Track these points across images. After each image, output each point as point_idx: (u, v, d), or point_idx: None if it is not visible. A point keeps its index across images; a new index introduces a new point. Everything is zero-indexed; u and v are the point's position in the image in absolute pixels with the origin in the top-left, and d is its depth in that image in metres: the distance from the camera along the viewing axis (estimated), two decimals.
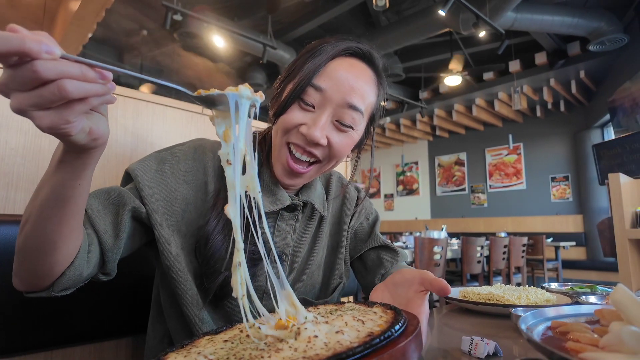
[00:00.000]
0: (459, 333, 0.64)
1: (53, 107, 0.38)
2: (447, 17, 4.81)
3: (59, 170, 0.48)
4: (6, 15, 5.60)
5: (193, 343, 0.46)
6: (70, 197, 0.50)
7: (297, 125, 0.71)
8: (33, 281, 0.58)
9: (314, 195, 0.84)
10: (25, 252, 0.55)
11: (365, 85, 0.74)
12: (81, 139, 0.42)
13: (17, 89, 0.37)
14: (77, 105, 0.39)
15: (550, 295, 0.88)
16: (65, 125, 0.39)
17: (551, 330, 0.50)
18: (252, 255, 0.72)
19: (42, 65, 0.35)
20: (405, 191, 10.19)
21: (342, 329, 0.40)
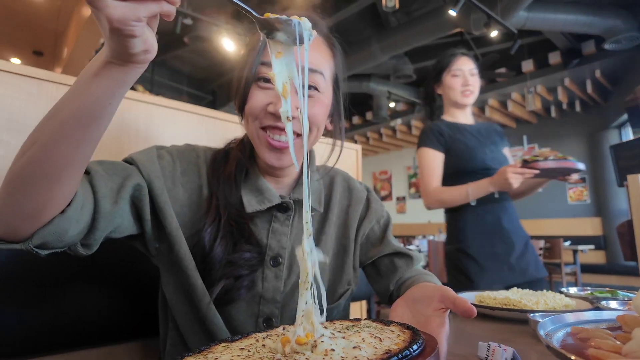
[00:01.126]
0: (475, 339, 0.63)
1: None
2: (457, 17, 4.77)
3: (93, 85, 0.46)
4: (21, 18, 5.74)
5: (209, 349, 0.46)
6: (98, 116, 0.48)
7: (264, 106, 0.71)
8: (14, 222, 0.51)
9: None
10: (21, 181, 0.49)
11: (316, 49, 0.74)
12: (138, 46, 0.41)
13: None
14: (151, 3, 0.39)
15: (569, 301, 0.86)
16: (134, 22, 0.38)
17: (571, 336, 0.48)
18: (249, 262, 0.72)
19: None
20: (418, 194, 10.11)
21: (359, 345, 0.40)
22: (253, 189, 0.77)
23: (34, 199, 0.50)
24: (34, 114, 0.89)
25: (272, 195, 0.77)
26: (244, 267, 0.71)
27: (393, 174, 10.70)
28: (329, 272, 0.84)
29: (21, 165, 0.49)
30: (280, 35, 0.50)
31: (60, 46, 6.40)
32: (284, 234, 0.77)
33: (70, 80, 0.95)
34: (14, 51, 6.87)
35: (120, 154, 1.01)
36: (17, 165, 0.49)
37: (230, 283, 0.70)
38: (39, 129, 0.50)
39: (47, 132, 0.48)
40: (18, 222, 0.51)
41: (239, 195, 0.76)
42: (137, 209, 0.68)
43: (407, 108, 8.32)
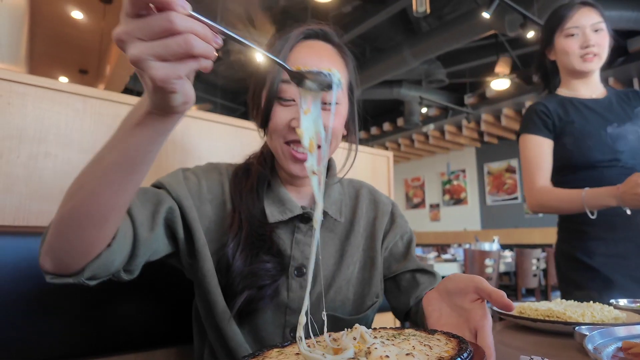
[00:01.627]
0: (516, 352, 0.60)
1: (170, 60, 0.39)
2: (491, 19, 4.66)
3: (135, 134, 0.48)
4: (68, 40, 6.12)
5: (264, 354, 0.47)
6: (140, 162, 0.51)
7: (287, 123, 0.74)
8: (66, 260, 0.56)
9: (327, 203, 0.83)
10: (71, 223, 0.53)
11: (329, 60, 0.76)
12: (178, 99, 0.43)
13: (141, 37, 0.39)
14: (191, 62, 0.41)
15: (619, 313, 0.81)
16: (175, 80, 0.40)
17: (623, 351, 0.45)
18: (269, 272, 0.73)
19: (177, 17, 0.38)
20: (452, 201, 9.86)
21: (411, 352, 0.41)
22: (275, 200, 0.79)
23: (84, 239, 0.54)
24: (80, 128, 0.95)
25: (294, 206, 0.79)
26: (265, 277, 0.72)
27: (426, 181, 10.50)
28: (356, 284, 0.83)
29: (70, 209, 0.52)
30: (310, 83, 0.53)
31: (103, 64, 6.78)
32: (307, 244, 0.79)
33: (113, 96, 1.00)
34: (62, 70, 7.33)
35: (159, 166, 1.05)
36: (66, 208, 0.53)
37: (254, 293, 0.71)
38: (84, 174, 0.53)
39: (92, 179, 0.51)
40: (69, 259, 0.55)
41: (262, 207, 0.78)
42: (171, 230, 0.72)
43: (440, 113, 8.17)
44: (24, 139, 0.88)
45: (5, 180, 0.85)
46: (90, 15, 5.44)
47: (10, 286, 0.75)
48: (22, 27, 4.56)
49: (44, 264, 0.56)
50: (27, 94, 0.89)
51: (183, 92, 0.43)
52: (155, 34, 0.38)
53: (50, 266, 0.56)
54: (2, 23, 3.01)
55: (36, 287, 0.77)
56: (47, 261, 0.56)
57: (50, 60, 6.86)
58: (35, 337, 0.77)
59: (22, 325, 0.76)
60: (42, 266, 0.57)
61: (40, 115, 0.90)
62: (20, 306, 0.76)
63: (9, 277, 0.75)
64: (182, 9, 0.39)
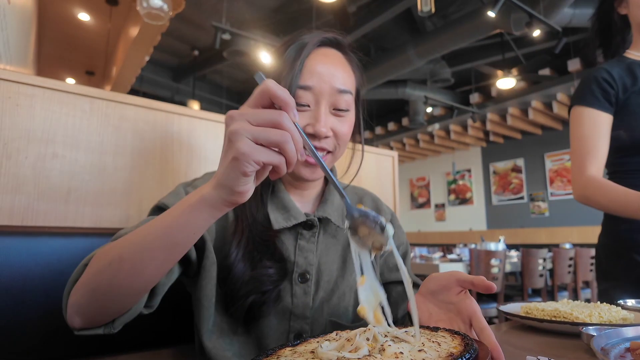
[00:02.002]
0: (522, 353, 0.60)
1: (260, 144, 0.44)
2: (497, 18, 4.63)
3: (185, 215, 0.50)
4: (75, 41, 6.17)
5: (277, 352, 0.47)
6: (185, 242, 0.53)
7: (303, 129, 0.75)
8: (98, 319, 0.58)
9: (330, 210, 0.83)
10: (107, 292, 0.55)
11: (342, 69, 0.78)
12: (242, 185, 0.46)
13: (250, 120, 0.45)
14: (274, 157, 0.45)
15: (626, 313, 0.80)
16: (252, 162, 0.44)
17: (631, 352, 0.45)
18: (271, 277, 0.73)
19: (287, 118, 0.45)
20: (458, 200, 9.82)
21: (423, 349, 0.43)
22: (280, 205, 0.80)
23: (121, 305, 0.57)
24: (87, 129, 0.96)
25: (297, 213, 0.79)
26: (267, 283, 0.73)
27: (431, 181, 10.46)
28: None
29: (109, 280, 0.54)
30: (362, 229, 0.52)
31: (110, 66, 6.83)
32: (310, 251, 0.79)
33: (119, 97, 1.01)
34: (68, 72, 7.39)
35: (165, 166, 1.05)
36: (104, 277, 0.54)
37: (257, 298, 0.72)
38: (124, 246, 0.54)
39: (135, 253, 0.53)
40: (101, 317, 0.58)
41: (266, 212, 0.79)
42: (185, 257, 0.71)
43: (445, 112, 8.14)
44: (32, 140, 0.89)
45: (14, 181, 0.86)
46: (97, 17, 5.48)
47: (18, 285, 0.76)
48: (30, 29, 4.61)
49: (72, 322, 0.58)
50: (35, 95, 0.90)
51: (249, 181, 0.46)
52: (264, 121, 0.44)
53: (79, 324, 0.58)
54: (10, 25, 3.04)
55: (44, 286, 0.78)
56: (76, 320, 0.58)
57: (57, 61, 6.92)
58: (43, 336, 0.78)
59: (30, 324, 0.76)
60: (71, 323, 0.59)
61: (48, 116, 0.91)
62: (29, 305, 0.76)
63: (17, 277, 0.76)
64: (294, 117, 0.46)
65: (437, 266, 3.32)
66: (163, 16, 3.72)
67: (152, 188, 1.03)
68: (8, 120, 0.87)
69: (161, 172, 1.05)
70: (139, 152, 1.02)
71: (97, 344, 0.83)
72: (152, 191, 1.03)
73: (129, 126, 1.01)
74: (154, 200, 1.02)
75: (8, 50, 3.09)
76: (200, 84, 7.96)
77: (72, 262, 0.81)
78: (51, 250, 0.80)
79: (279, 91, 0.46)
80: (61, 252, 0.81)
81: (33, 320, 0.77)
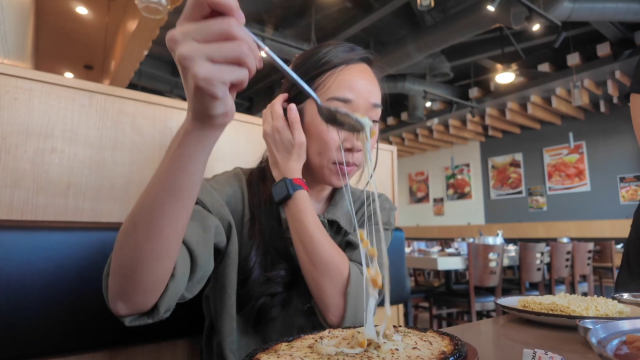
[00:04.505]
0: (519, 346, 0.60)
1: (219, 62, 0.40)
2: (496, 12, 4.61)
3: (177, 156, 0.48)
4: (73, 35, 6.13)
5: (274, 347, 0.48)
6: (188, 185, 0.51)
7: (339, 143, 0.77)
8: (138, 300, 0.57)
9: (339, 213, 0.85)
10: (134, 263, 0.53)
11: (375, 85, 0.82)
12: (219, 108, 0.43)
13: (196, 38, 0.39)
14: (237, 69, 0.41)
15: (623, 307, 0.80)
16: (219, 84, 0.40)
17: (627, 345, 0.45)
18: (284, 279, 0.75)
19: (237, 24, 0.40)
20: (456, 195, 9.83)
21: (417, 347, 0.45)
22: None
23: (151, 275, 0.54)
24: (86, 123, 0.95)
25: None
26: (279, 284, 0.74)
27: (430, 175, 10.47)
28: None
29: (132, 250, 0.53)
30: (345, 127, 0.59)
31: (108, 60, 6.79)
32: None
33: (117, 91, 1.01)
34: (67, 66, 7.35)
35: None
36: (127, 250, 0.53)
37: (267, 300, 0.73)
38: (136, 210, 0.53)
39: (146, 213, 0.51)
40: (141, 297, 0.57)
41: (279, 214, 0.79)
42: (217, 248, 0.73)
43: (444, 107, 8.12)
44: (30, 134, 0.89)
45: (13, 176, 0.86)
46: (95, 11, 5.44)
47: (18, 279, 0.76)
48: (28, 23, 4.58)
49: (117, 309, 0.57)
50: (34, 89, 0.90)
51: (224, 102, 0.42)
52: (213, 36, 0.39)
53: (124, 310, 0.57)
54: (8, 19, 3.02)
55: (43, 281, 0.78)
56: (119, 306, 0.57)
57: (56, 56, 6.88)
58: (43, 330, 0.78)
59: (30, 318, 0.77)
60: (117, 312, 0.58)
61: (46, 110, 0.91)
62: (28, 299, 0.77)
63: (16, 271, 0.76)
64: (241, 19, 0.41)
65: (435, 260, 3.33)
66: (161, 10, 3.70)
67: None
68: (6, 114, 0.86)
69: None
70: (138, 146, 1.02)
71: (101, 337, 0.84)
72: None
73: (128, 120, 1.01)
74: None
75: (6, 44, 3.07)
76: None
77: (71, 256, 0.81)
78: (50, 245, 0.80)
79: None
80: (60, 246, 0.81)
81: (32, 315, 0.77)
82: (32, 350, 0.77)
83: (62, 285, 0.80)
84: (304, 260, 0.72)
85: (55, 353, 0.80)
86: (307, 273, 0.72)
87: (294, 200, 0.73)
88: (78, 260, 0.82)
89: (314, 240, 0.71)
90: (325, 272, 0.70)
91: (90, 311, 0.82)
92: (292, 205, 0.73)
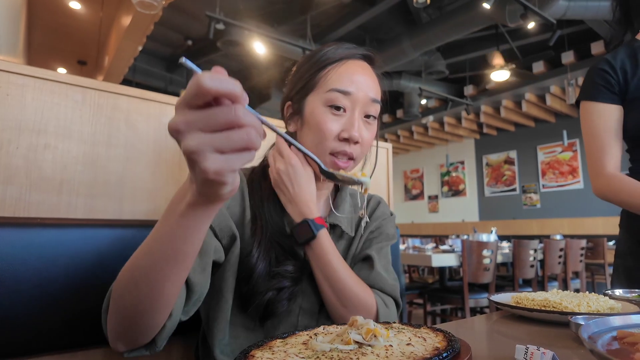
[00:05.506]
0: (512, 341, 0.61)
1: (228, 152, 0.38)
2: (491, 9, 4.63)
3: (181, 225, 0.48)
4: (67, 30, 6.07)
5: (268, 344, 0.48)
6: (189, 251, 0.51)
7: (337, 134, 0.77)
8: (138, 339, 0.59)
9: (341, 218, 0.86)
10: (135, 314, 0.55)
11: (375, 82, 0.83)
12: (228, 189, 0.42)
13: (202, 129, 0.37)
14: (246, 156, 0.39)
15: (614, 303, 0.81)
16: (229, 173, 0.39)
17: (617, 340, 0.46)
18: (292, 274, 0.76)
19: (243, 111, 0.38)
20: (451, 192, 9.88)
21: (411, 342, 0.45)
22: None
23: (152, 322, 0.57)
24: (79, 120, 0.95)
25: None
26: (287, 279, 0.75)
27: (425, 173, 10.50)
28: None
29: (132, 303, 0.54)
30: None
31: (102, 55, 6.73)
32: None
33: (111, 87, 1.00)
34: (60, 61, 7.28)
35: (158, 157, 1.05)
36: (127, 302, 0.54)
37: (274, 295, 0.73)
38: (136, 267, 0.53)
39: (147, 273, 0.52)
40: (141, 338, 0.59)
41: (281, 214, 0.80)
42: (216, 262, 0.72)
43: (440, 104, 8.14)
44: (23, 130, 0.88)
45: (5, 172, 0.85)
46: (88, 6, 5.38)
47: (11, 277, 0.75)
48: (20, 17, 4.52)
49: (116, 347, 0.60)
50: (26, 85, 0.89)
51: (232, 182, 0.41)
52: (220, 125, 0.37)
53: (123, 348, 0.60)
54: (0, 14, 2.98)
55: (37, 278, 0.78)
56: (119, 345, 0.59)
57: (49, 51, 6.81)
58: (36, 327, 0.78)
59: (23, 315, 0.76)
60: (116, 349, 0.60)
61: (39, 106, 0.90)
62: (21, 297, 0.76)
63: (9, 268, 0.75)
64: (245, 101, 0.38)
65: (429, 257, 3.35)
66: (156, 5, 3.67)
67: (145, 179, 1.02)
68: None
69: (154, 163, 1.04)
70: (132, 143, 1.01)
71: (94, 335, 0.83)
72: (145, 182, 1.02)
73: (122, 117, 1.00)
74: (147, 191, 1.01)
75: None
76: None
77: (65, 253, 0.81)
78: (44, 242, 0.79)
79: (220, 85, 0.37)
80: (54, 243, 0.80)
81: (26, 312, 0.76)
82: (25, 347, 0.77)
83: (56, 282, 0.79)
84: (331, 299, 0.74)
85: (48, 351, 0.80)
86: (335, 311, 0.75)
87: (319, 240, 0.74)
88: (72, 258, 0.82)
89: (342, 280, 0.73)
90: (354, 311, 0.72)
91: (84, 308, 0.82)
92: (316, 246, 0.74)
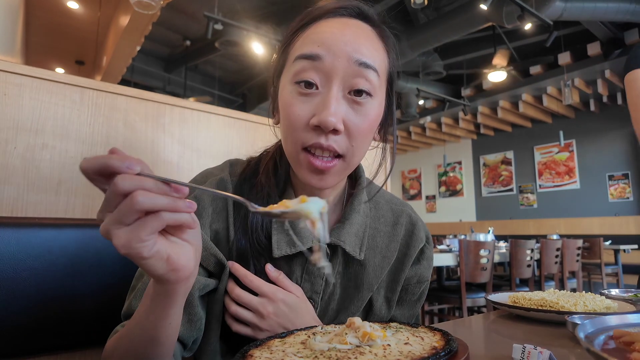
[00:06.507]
0: (509, 340, 0.61)
1: (129, 223, 0.37)
2: (489, 11, 4.64)
3: (150, 311, 0.47)
4: (65, 30, 6.05)
5: (266, 343, 0.48)
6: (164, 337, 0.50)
7: (306, 120, 0.58)
8: None
9: (346, 235, 0.69)
10: None
11: (367, 41, 0.59)
12: (158, 266, 0.40)
13: (105, 208, 0.39)
14: (151, 221, 0.38)
15: (610, 302, 0.82)
16: (138, 244, 0.37)
17: (614, 340, 0.46)
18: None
19: (121, 178, 0.37)
20: (448, 192, 9.90)
21: (408, 342, 0.45)
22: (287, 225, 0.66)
23: None
24: (77, 119, 0.95)
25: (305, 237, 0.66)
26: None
27: (423, 173, 10.52)
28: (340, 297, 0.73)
29: None
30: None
31: (100, 55, 6.71)
32: (319, 276, 0.69)
33: (109, 87, 1.00)
34: (58, 61, 7.25)
35: (156, 157, 1.05)
36: None
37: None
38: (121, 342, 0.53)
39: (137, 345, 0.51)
40: None
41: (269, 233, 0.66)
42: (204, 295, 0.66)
43: (437, 105, 8.16)
44: (20, 130, 0.88)
45: (3, 172, 0.85)
46: (86, 6, 5.36)
47: (8, 277, 0.75)
48: (18, 17, 4.50)
49: None
50: (24, 85, 0.89)
51: (159, 258, 0.39)
52: (112, 203, 0.38)
53: None
54: None
55: (34, 277, 0.78)
56: None
57: (46, 51, 6.78)
58: (33, 327, 0.77)
59: (20, 315, 0.76)
60: None
61: (37, 106, 0.90)
62: (19, 297, 0.76)
63: (7, 268, 0.75)
64: (129, 169, 0.37)
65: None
66: (154, 5, 3.66)
67: None
68: None
69: (153, 163, 1.04)
70: (130, 143, 1.01)
71: (92, 335, 0.83)
72: None
73: (120, 117, 1.00)
74: None
75: None
76: (192, 75, 7.86)
77: (62, 253, 0.81)
78: (41, 241, 0.79)
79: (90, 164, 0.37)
80: (52, 243, 0.80)
81: (23, 312, 0.76)
82: (23, 348, 0.77)
83: (53, 282, 0.79)
84: None
85: (46, 351, 0.80)
86: None
87: None
88: (69, 258, 0.82)
89: None
90: None
91: (82, 309, 0.82)
92: None
